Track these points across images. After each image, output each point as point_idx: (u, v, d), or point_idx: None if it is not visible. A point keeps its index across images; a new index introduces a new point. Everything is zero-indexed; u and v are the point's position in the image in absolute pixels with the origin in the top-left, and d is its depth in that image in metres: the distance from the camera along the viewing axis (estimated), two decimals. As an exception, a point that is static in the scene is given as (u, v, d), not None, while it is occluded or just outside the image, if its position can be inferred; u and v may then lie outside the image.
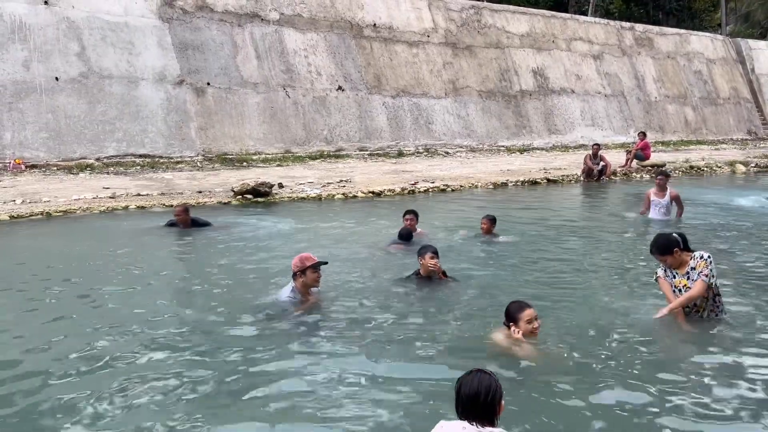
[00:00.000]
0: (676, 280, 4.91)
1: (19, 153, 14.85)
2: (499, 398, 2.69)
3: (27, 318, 5.35)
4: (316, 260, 5.37)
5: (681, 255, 4.85)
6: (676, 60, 32.11)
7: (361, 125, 20.61)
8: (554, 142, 25.30)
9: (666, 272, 4.98)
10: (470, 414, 2.66)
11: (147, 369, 4.24)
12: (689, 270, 4.83)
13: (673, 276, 4.93)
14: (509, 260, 7.45)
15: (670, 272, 4.95)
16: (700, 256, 4.81)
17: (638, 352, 4.50)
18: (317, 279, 5.37)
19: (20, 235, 9.17)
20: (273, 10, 19.81)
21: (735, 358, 4.37)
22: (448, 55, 23.63)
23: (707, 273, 4.72)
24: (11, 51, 15.35)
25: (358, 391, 3.87)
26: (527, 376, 4.08)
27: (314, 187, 13.40)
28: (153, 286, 6.48)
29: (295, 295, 5.38)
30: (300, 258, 5.38)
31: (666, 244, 4.85)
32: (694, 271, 4.80)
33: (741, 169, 19.34)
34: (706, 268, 4.73)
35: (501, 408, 2.71)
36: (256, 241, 8.50)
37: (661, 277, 5.02)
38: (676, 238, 4.88)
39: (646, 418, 3.59)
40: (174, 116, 17.21)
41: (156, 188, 12.70)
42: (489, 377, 2.73)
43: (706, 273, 4.72)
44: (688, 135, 30.59)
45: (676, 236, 4.90)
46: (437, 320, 5.22)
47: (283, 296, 5.42)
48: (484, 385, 2.68)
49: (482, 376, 2.73)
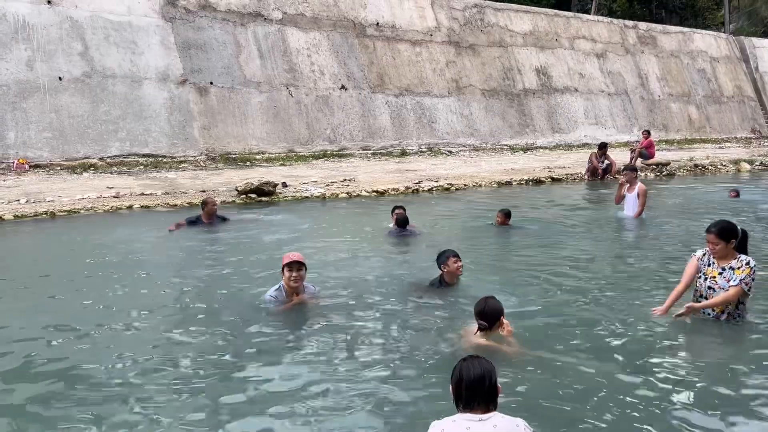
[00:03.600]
0: (709, 268, 4.74)
1: (23, 153, 14.85)
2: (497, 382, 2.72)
3: (30, 312, 5.35)
4: (293, 259, 5.23)
5: (732, 249, 4.66)
6: (679, 58, 32.01)
7: (364, 124, 20.57)
8: (558, 141, 25.23)
9: (704, 257, 4.81)
10: (475, 399, 2.63)
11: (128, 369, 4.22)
12: (728, 267, 4.66)
13: (709, 264, 4.76)
14: (525, 260, 7.44)
15: (708, 259, 4.78)
16: (746, 261, 4.63)
17: (643, 350, 4.47)
18: (292, 278, 5.20)
19: (42, 233, 9.20)
20: (276, 10, 19.78)
21: (746, 363, 4.29)
22: (451, 54, 23.58)
23: (747, 281, 4.57)
24: (15, 51, 15.35)
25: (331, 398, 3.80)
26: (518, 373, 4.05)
27: (318, 187, 13.37)
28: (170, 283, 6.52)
29: (278, 293, 5.31)
30: (284, 257, 5.33)
31: (729, 230, 4.64)
32: (732, 272, 4.63)
33: (746, 167, 19.26)
34: (748, 276, 4.57)
35: (500, 390, 2.72)
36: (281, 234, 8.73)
37: (695, 257, 4.85)
38: (739, 231, 4.69)
39: (645, 417, 3.56)
40: (177, 116, 17.19)
41: (160, 188, 12.68)
42: (486, 361, 2.74)
43: (747, 281, 4.57)
44: (692, 133, 30.48)
45: (741, 230, 4.71)
46: (439, 325, 5.12)
47: (267, 294, 5.38)
48: (486, 369, 2.69)
49: (481, 360, 2.74)
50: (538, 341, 4.60)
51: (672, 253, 7.60)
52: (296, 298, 5.30)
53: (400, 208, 9.07)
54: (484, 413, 2.61)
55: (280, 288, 5.32)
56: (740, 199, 12.41)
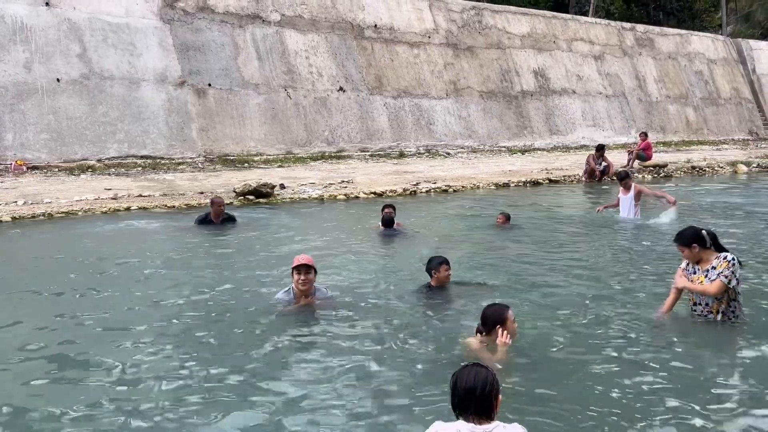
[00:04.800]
0: (695, 276, 4.82)
1: (21, 154, 14.85)
2: (496, 392, 2.67)
3: (38, 312, 5.35)
4: (301, 262, 5.20)
5: (700, 252, 4.74)
6: (677, 60, 32.09)
7: (363, 126, 20.59)
8: (555, 143, 25.28)
9: (687, 266, 4.89)
10: (467, 408, 2.63)
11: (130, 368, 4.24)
12: (710, 269, 4.74)
13: (694, 272, 4.84)
14: (522, 261, 7.45)
15: (692, 267, 4.86)
16: (724, 257, 4.70)
17: (638, 350, 4.49)
18: (300, 281, 5.18)
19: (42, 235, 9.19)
20: (274, 11, 19.81)
21: (744, 363, 4.31)
22: (449, 56, 23.62)
23: (727, 274, 4.63)
24: (13, 52, 15.35)
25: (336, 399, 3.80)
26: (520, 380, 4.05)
27: (316, 188, 13.39)
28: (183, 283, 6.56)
29: (287, 295, 5.31)
30: (294, 259, 5.31)
31: (686, 236, 4.76)
32: (714, 271, 4.70)
33: (743, 170, 19.29)
34: (727, 269, 4.64)
35: (498, 402, 2.68)
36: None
37: (681, 268, 4.94)
38: (700, 234, 4.75)
39: (644, 417, 3.58)
40: (175, 117, 17.20)
41: (158, 189, 12.69)
42: (485, 371, 2.71)
43: (726, 274, 4.63)
44: (690, 135, 30.55)
45: (702, 233, 4.76)
46: (438, 326, 5.13)
47: (276, 296, 5.39)
48: (480, 379, 2.66)
49: (478, 369, 2.71)
50: (534, 342, 4.62)
51: (669, 254, 7.62)
52: (304, 300, 5.27)
53: (389, 207, 9.21)
54: (480, 423, 2.59)
55: (290, 290, 5.31)
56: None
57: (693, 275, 4.85)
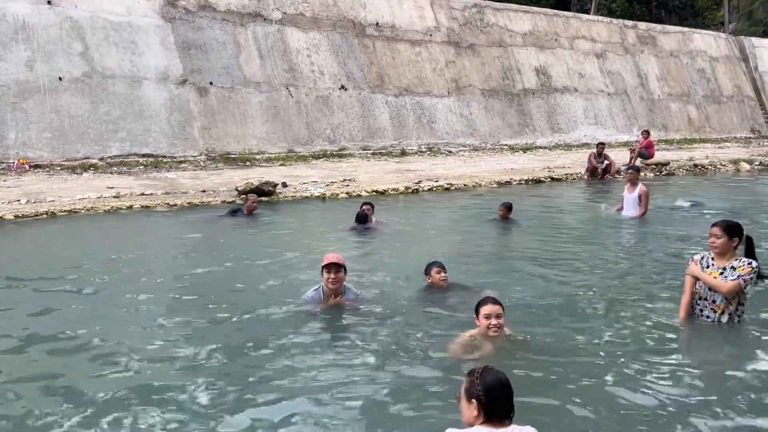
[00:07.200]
0: (708, 270, 4.74)
1: (23, 153, 14.87)
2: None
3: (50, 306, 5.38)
4: (331, 261, 5.14)
5: (734, 249, 4.65)
6: (679, 58, 32.03)
7: (364, 124, 20.59)
8: (557, 141, 25.25)
9: (702, 260, 4.82)
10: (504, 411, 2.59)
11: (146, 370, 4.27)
12: (728, 267, 4.65)
13: (708, 266, 4.76)
14: (522, 259, 7.45)
15: (707, 261, 4.78)
16: (749, 262, 4.63)
17: (637, 350, 4.49)
18: (330, 280, 5.12)
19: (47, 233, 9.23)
20: (275, 10, 19.80)
21: (746, 365, 4.28)
22: (451, 54, 23.60)
23: (746, 279, 4.57)
24: (14, 51, 15.36)
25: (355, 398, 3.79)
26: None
27: (318, 187, 13.39)
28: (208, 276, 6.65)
29: (316, 294, 5.26)
30: (323, 257, 5.23)
31: (734, 227, 4.64)
32: (732, 271, 4.62)
33: (745, 167, 19.27)
34: (748, 275, 4.57)
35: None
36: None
37: (695, 260, 4.85)
38: (745, 233, 4.69)
39: (643, 416, 3.58)
40: (177, 116, 17.21)
41: (160, 188, 12.70)
42: (499, 371, 2.71)
43: (746, 278, 4.57)
44: (692, 133, 30.51)
45: (747, 236, 4.70)
46: (443, 327, 5.11)
47: (306, 294, 5.36)
48: (506, 380, 2.65)
49: (496, 371, 2.70)
50: (534, 338, 4.62)
51: (669, 254, 7.62)
52: (332, 300, 5.20)
53: (367, 204, 9.59)
54: (501, 426, 2.57)
55: (319, 289, 5.25)
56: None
57: (706, 269, 4.76)
